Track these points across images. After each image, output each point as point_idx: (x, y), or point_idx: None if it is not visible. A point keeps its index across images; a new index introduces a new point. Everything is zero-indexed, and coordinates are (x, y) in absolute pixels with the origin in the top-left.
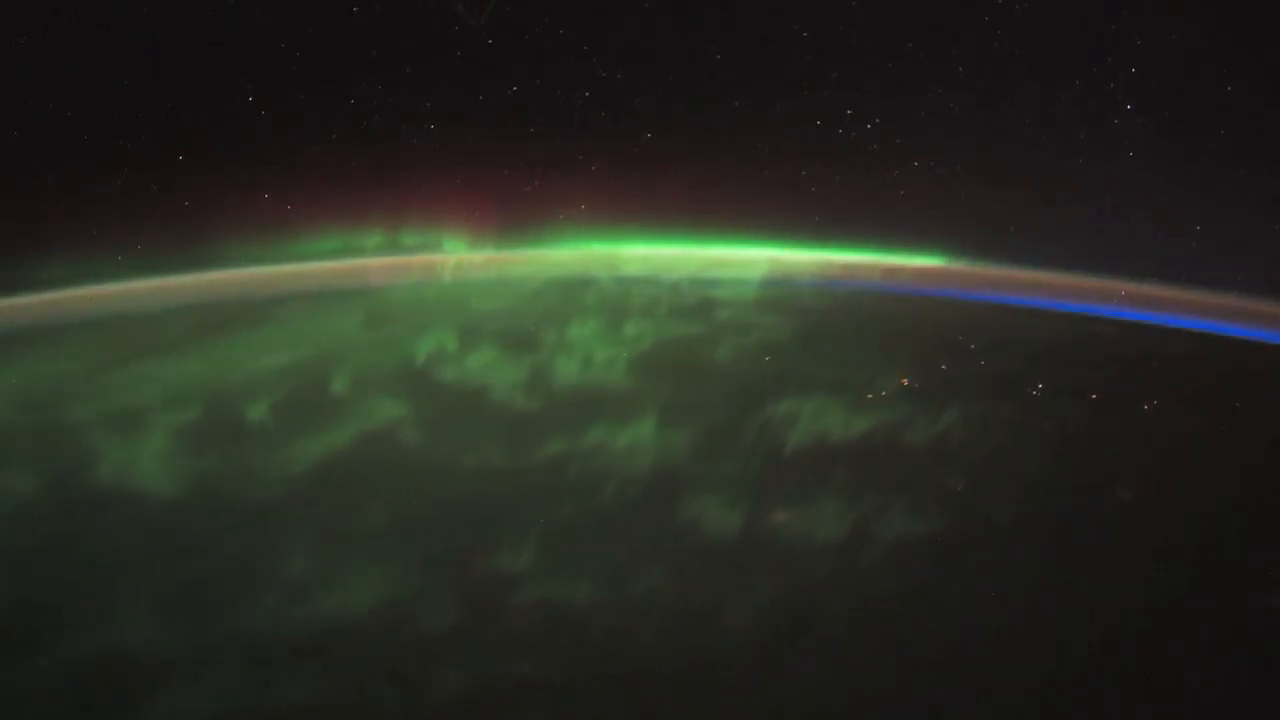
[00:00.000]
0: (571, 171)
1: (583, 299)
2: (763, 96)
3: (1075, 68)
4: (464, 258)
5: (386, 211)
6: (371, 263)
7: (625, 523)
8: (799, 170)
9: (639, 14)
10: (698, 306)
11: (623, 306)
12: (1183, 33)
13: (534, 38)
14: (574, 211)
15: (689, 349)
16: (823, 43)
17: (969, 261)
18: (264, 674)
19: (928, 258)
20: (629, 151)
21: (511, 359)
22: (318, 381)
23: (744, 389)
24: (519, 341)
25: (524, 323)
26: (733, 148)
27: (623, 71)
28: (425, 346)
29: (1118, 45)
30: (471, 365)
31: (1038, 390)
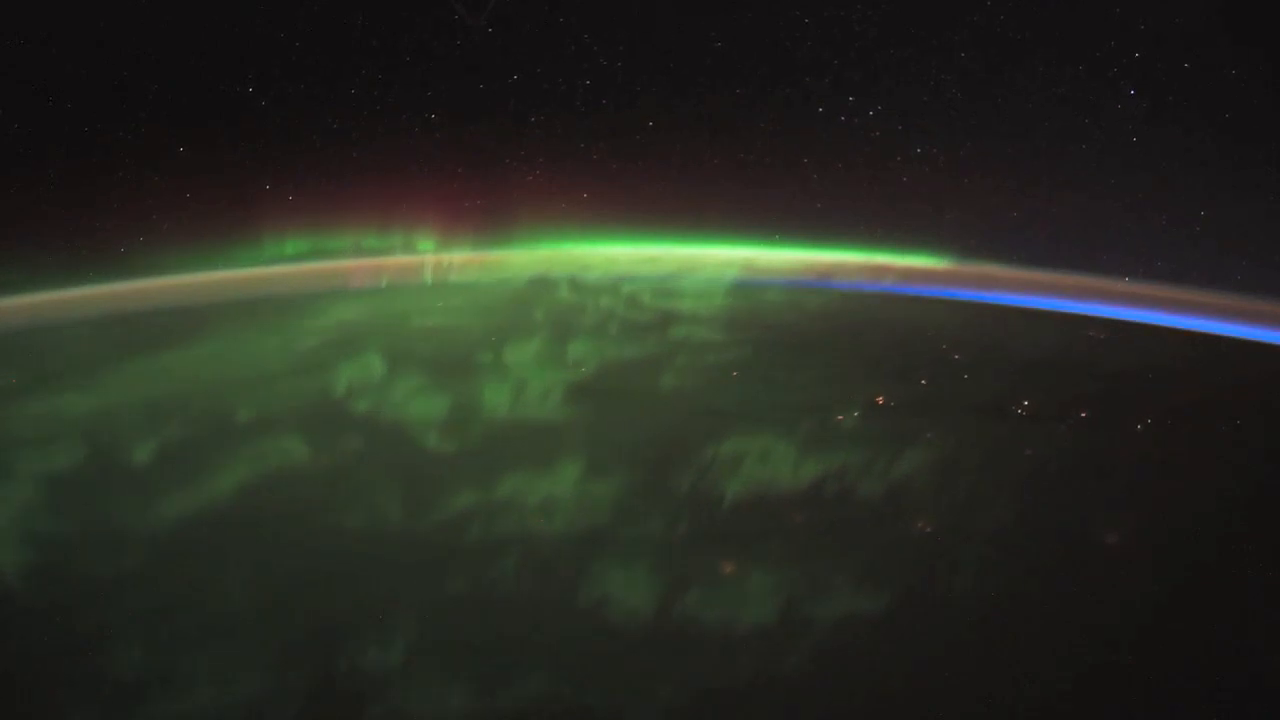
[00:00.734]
0: (572, 160)
1: (532, 314)
2: (764, 83)
3: (1077, 53)
4: (441, 258)
5: (372, 208)
6: (351, 263)
7: (521, 605)
8: (800, 157)
9: (640, 2)
10: (654, 322)
11: (574, 323)
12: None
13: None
14: (575, 200)
15: (635, 375)
16: (825, 30)
17: (963, 256)
18: None
19: (923, 252)
20: (631, 139)
21: (437, 389)
22: (219, 414)
23: (687, 424)
24: (451, 366)
25: (464, 343)
26: (734, 136)
27: (624, 60)
28: (349, 372)
29: (1120, 30)
30: (393, 396)
31: (1022, 409)
